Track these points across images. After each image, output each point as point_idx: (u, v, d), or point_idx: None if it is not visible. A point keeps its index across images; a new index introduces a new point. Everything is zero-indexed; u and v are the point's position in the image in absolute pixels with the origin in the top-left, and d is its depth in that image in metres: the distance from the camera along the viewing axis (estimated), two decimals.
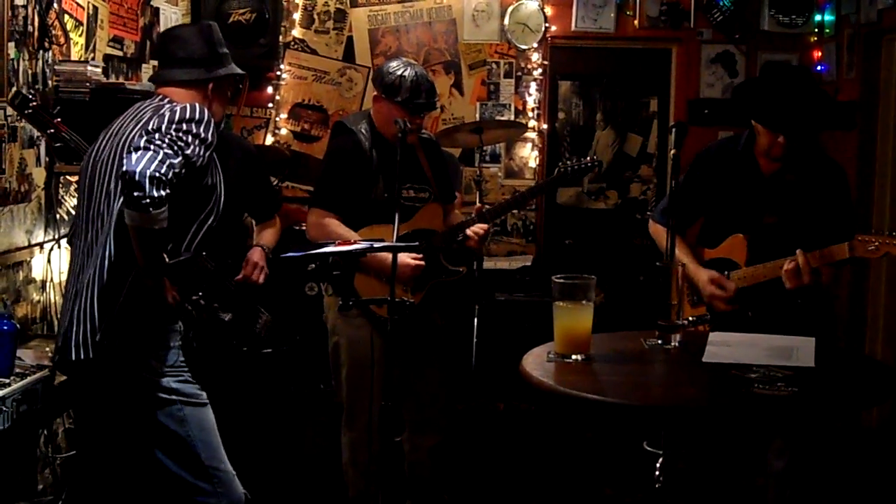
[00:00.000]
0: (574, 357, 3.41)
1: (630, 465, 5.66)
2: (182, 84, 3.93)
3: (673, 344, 3.65)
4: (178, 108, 3.65)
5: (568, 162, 5.14)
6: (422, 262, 4.82)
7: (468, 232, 4.93)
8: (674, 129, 4.05)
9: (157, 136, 3.51)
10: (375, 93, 4.97)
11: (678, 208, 4.31)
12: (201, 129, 3.62)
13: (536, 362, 3.42)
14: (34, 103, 4.09)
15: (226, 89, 4.07)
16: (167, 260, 3.61)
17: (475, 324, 6.00)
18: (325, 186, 4.95)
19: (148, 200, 3.38)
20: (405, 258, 4.73)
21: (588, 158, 5.12)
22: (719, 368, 3.36)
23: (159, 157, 3.43)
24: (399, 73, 4.87)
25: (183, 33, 4.10)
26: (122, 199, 3.55)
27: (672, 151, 4.03)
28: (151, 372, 3.72)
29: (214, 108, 3.92)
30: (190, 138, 3.57)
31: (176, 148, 3.51)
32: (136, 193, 3.38)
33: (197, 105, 3.71)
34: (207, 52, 3.97)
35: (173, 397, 3.74)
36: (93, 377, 3.76)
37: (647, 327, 3.83)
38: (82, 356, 3.64)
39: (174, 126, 3.57)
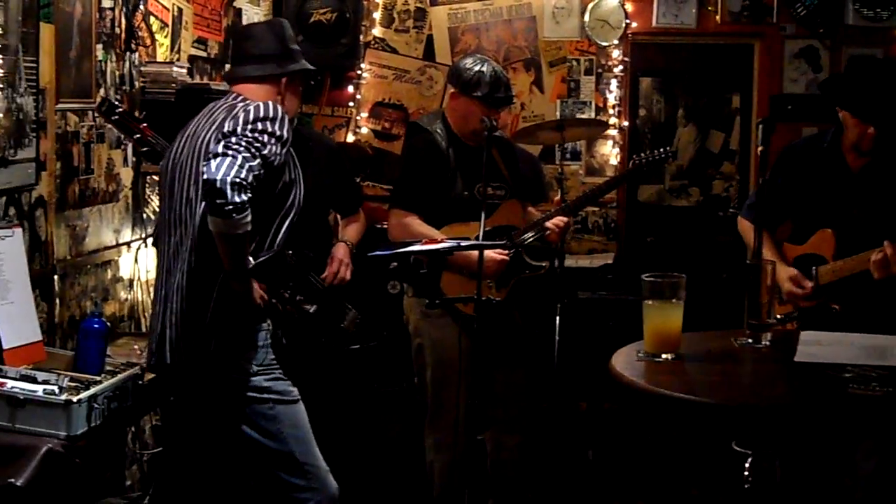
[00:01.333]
0: (664, 356, 3.38)
1: (717, 465, 5.59)
2: (255, 80, 3.94)
3: (764, 343, 3.61)
4: (251, 108, 3.65)
5: (642, 154, 5.11)
6: (506, 258, 4.81)
7: (548, 225, 4.92)
8: (760, 126, 4.00)
9: (233, 139, 3.51)
10: (452, 91, 4.97)
11: (765, 205, 4.27)
12: (276, 127, 3.61)
13: (626, 361, 3.39)
14: (120, 109, 4.14)
15: (298, 85, 4.07)
16: (252, 262, 3.63)
17: (557, 322, 5.97)
18: (405, 187, 4.96)
19: (231, 207, 3.38)
20: (490, 254, 4.72)
21: (662, 149, 5.08)
22: (812, 368, 3.32)
23: (238, 162, 3.43)
24: (476, 68, 4.87)
25: (254, 30, 4.13)
26: (203, 205, 3.59)
27: (759, 148, 3.99)
28: (243, 372, 3.75)
29: (288, 104, 3.93)
30: (266, 137, 3.56)
31: (254, 150, 3.50)
32: (218, 201, 3.39)
33: (270, 103, 3.71)
34: (279, 48, 3.98)
35: (265, 395, 3.77)
36: (186, 380, 3.81)
37: (730, 325, 3.79)
38: (177, 360, 3.69)
39: (249, 127, 3.56)
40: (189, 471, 4.24)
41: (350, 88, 7.88)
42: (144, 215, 5.24)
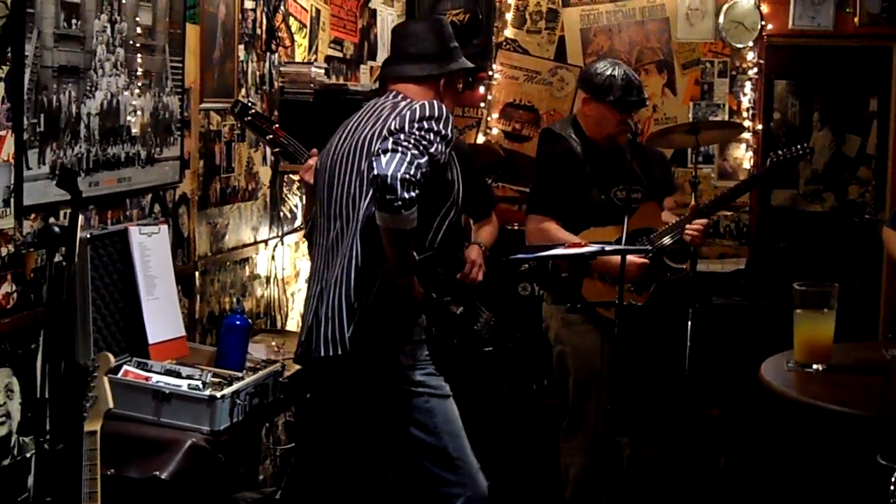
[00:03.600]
0: (815, 366, 3.32)
1: (859, 478, 5.47)
2: (415, 80, 3.94)
3: None
4: (416, 107, 3.68)
5: (780, 152, 4.98)
6: (647, 261, 4.76)
7: (688, 229, 4.85)
8: None
9: (402, 136, 3.54)
10: (584, 96, 4.92)
11: None
12: (441, 126, 3.63)
13: (776, 371, 3.34)
14: (253, 110, 4.19)
15: (456, 84, 4.07)
16: (416, 257, 3.66)
17: (689, 327, 5.89)
18: (542, 192, 4.93)
19: (400, 202, 3.41)
20: (630, 258, 4.67)
21: (798, 146, 4.95)
22: None
23: (408, 159, 3.46)
24: (608, 72, 4.83)
25: (415, 29, 4.12)
26: (369, 200, 3.63)
27: None
28: (399, 366, 3.78)
29: (446, 103, 3.93)
30: (432, 136, 3.59)
31: (421, 147, 3.53)
32: (388, 196, 3.42)
33: (435, 102, 3.73)
34: (439, 48, 3.98)
35: (420, 389, 3.79)
36: (342, 373, 3.82)
37: (864, 334, 3.70)
38: (332, 352, 3.71)
39: (416, 125, 3.59)
40: (325, 465, 4.28)
41: (481, 89, 7.88)
42: (281, 214, 5.30)
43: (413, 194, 3.44)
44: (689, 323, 5.86)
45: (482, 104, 7.93)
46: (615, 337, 4.28)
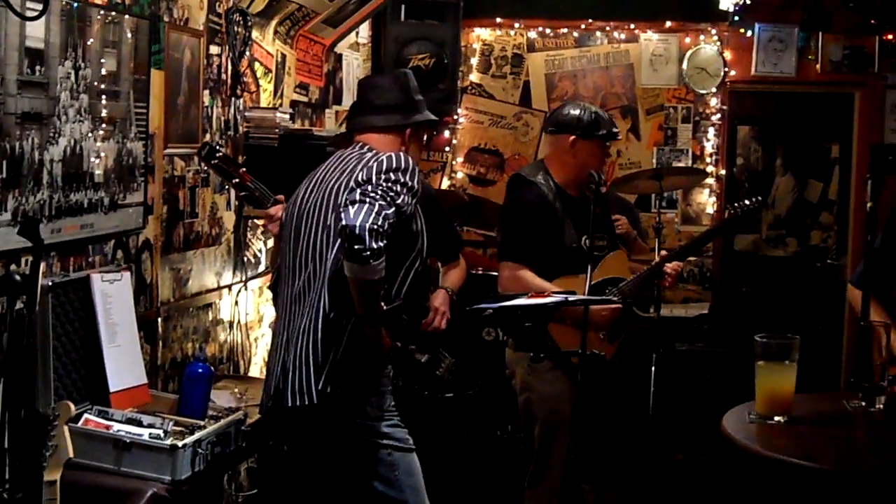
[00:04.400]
0: (777, 418, 3.33)
1: None
2: (380, 130, 3.98)
3: (878, 406, 3.53)
4: (383, 158, 3.71)
5: (737, 204, 5.07)
6: (619, 308, 4.78)
7: (667, 269, 4.88)
8: (869, 181, 3.92)
9: (369, 187, 3.57)
10: (571, 138, 4.89)
11: (876, 269, 4.16)
12: (407, 178, 3.66)
13: (738, 423, 3.34)
14: (220, 154, 4.18)
15: (421, 135, 4.12)
16: (384, 307, 3.66)
17: (652, 372, 5.91)
18: (516, 239, 4.90)
19: (368, 253, 3.43)
20: (604, 307, 4.71)
21: (755, 198, 5.07)
22: None
23: (375, 209, 3.48)
24: (590, 110, 4.91)
25: (380, 81, 4.19)
26: (336, 251, 3.65)
27: (869, 204, 3.90)
28: (366, 417, 3.78)
29: (411, 153, 3.96)
30: (399, 187, 3.62)
31: (388, 199, 3.55)
32: (357, 247, 3.43)
33: (401, 154, 3.76)
34: (404, 99, 4.02)
35: (385, 441, 3.79)
36: (310, 423, 3.81)
37: (827, 378, 3.71)
38: (300, 403, 3.69)
39: (383, 177, 3.62)
40: None
41: (446, 133, 7.92)
42: (245, 259, 5.28)
43: (381, 244, 3.46)
44: (653, 368, 5.87)
45: (447, 148, 7.96)
46: (581, 384, 4.29)
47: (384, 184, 3.60)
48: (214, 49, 4.88)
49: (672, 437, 6.37)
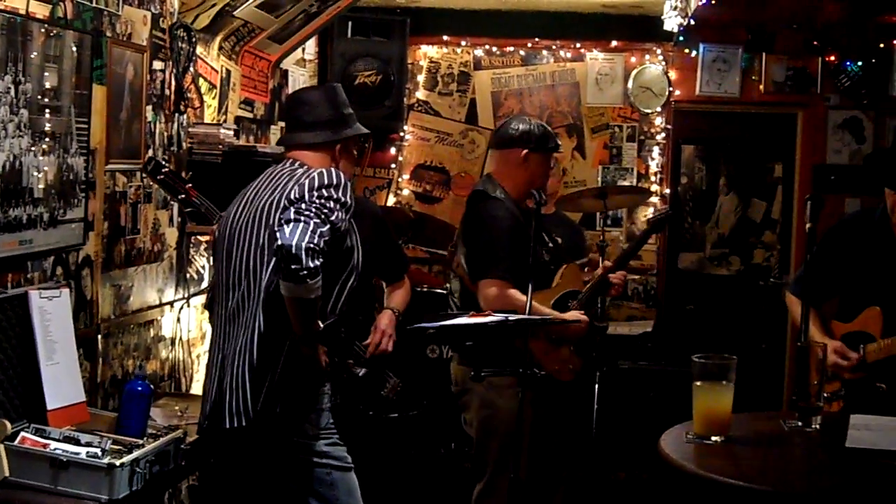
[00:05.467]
0: (714, 439, 3.34)
1: None
2: (310, 147, 3.97)
3: (814, 426, 3.55)
4: (315, 175, 3.71)
5: (653, 211, 5.18)
6: (587, 318, 4.80)
7: (612, 279, 4.91)
8: (809, 203, 3.96)
9: (303, 205, 3.57)
10: (524, 152, 4.87)
11: (813, 282, 4.22)
12: (340, 194, 3.68)
13: (675, 443, 3.35)
14: (166, 169, 4.17)
15: (352, 149, 4.11)
16: (321, 326, 3.66)
17: (596, 391, 5.92)
18: (500, 256, 4.76)
19: (305, 272, 3.43)
20: (580, 317, 4.74)
21: (663, 208, 5.19)
22: (863, 454, 3.26)
23: (311, 228, 3.49)
24: (536, 123, 4.94)
25: (309, 97, 4.15)
26: (271, 269, 3.65)
27: (808, 225, 3.95)
28: (305, 436, 3.77)
29: (343, 168, 3.96)
30: (332, 204, 3.62)
31: (323, 216, 3.56)
32: (293, 266, 3.44)
33: (333, 170, 3.76)
34: (334, 114, 4.01)
35: (324, 461, 3.79)
36: (246, 444, 3.79)
37: (769, 396, 3.73)
38: (237, 424, 3.68)
39: (316, 193, 3.63)
40: None
41: (392, 150, 7.92)
42: (188, 275, 5.25)
43: (317, 263, 3.46)
44: (597, 386, 5.89)
45: (393, 165, 7.96)
46: (539, 401, 4.33)
47: (317, 201, 3.60)
48: (158, 64, 4.86)
49: (615, 455, 6.40)
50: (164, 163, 4.41)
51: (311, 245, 3.45)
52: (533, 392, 4.63)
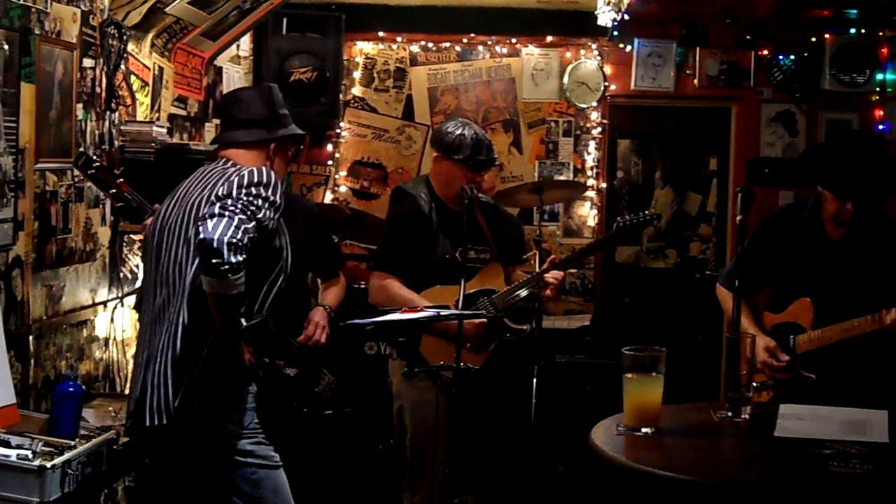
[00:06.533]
0: (644, 430, 3.37)
1: None
2: (244, 145, 3.97)
3: (743, 417, 3.59)
4: (245, 173, 3.70)
5: (627, 217, 5.09)
6: (485, 321, 4.81)
7: (548, 278, 4.89)
8: (739, 195, 4.00)
9: (229, 201, 3.56)
10: (435, 154, 5.00)
11: (744, 274, 4.27)
12: (270, 193, 3.66)
13: (606, 435, 3.37)
14: (97, 164, 4.13)
15: (287, 149, 4.11)
16: (244, 324, 3.63)
17: (534, 385, 5.95)
18: (388, 250, 4.97)
19: (227, 267, 3.41)
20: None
21: (646, 212, 5.07)
22: (791, 444, 3.31)
23: (234, 223, 3.47)
24: (458, 132, 4.92)
25: (244, 96, 4.17)
26: (195, 266, 3.61)
27: (738, 217, 3.99)
28: (227, 435, 3.76)
29: (276, 168, 3.96)
30: (260, 202, 3.61)
31: (249, 213, 3.55)
32: (214, 260, 3.42)
33: (263, 169, 3.75)
34: (268, 114, 4.01)
35: (249, 460, 3.78)
36: (168, 442, 3.78)
37: (705, 387, 3.76)
38: (157, 422, 3.66)
39: (244, 191, 3.62)
40: None
41: (329, 147, 7.91)
42: (121, 274, 5.21)
43: (239, 258, 3.45)
44: (535, 380, 5.91)
45: (330, 162, 7.94)
46: (452, 393, 4.32)
47: (245, 198, 3.59)
48: (88, 62, 4.81)
49: (553, 448, 6.42)
50: (94, 158, 4.37)
51: (234, 240, 3.44)
52: (442, 386, 4.68)
